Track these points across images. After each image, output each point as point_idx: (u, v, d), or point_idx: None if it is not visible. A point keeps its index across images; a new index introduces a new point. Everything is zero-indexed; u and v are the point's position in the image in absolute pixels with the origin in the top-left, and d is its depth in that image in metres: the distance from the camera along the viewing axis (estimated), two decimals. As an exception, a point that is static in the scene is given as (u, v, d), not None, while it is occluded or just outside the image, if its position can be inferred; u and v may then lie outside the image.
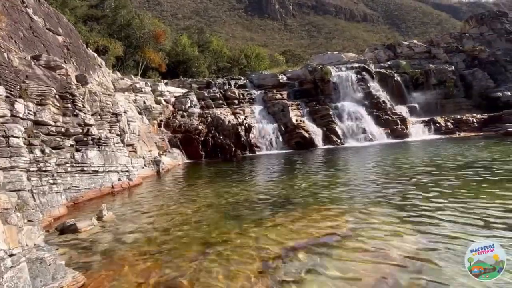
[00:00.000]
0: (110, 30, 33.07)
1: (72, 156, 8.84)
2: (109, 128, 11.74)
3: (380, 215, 6.05)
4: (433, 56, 31.59)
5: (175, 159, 17.35)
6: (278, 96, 25.43)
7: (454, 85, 28.11)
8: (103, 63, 19.57)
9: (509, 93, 25.66)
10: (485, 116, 24.08)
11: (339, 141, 22.09)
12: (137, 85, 21.22)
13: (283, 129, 22.39)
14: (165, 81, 27.50)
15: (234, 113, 23.26)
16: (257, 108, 24.70)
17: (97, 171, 9.58)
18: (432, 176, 9.14)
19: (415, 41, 35.26)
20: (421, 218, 5.68)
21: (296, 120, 22.78)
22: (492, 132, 21.38)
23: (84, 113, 9.94)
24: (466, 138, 20.34)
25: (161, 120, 20.73)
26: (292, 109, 23.69)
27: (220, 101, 24.78)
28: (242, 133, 20.96)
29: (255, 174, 13.07)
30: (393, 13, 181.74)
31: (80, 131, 9.48)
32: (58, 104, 9.09)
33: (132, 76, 24.48)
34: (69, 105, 9.47)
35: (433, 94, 27.56)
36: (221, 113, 22.56)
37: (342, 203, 7.06)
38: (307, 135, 21.79)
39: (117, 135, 12.05)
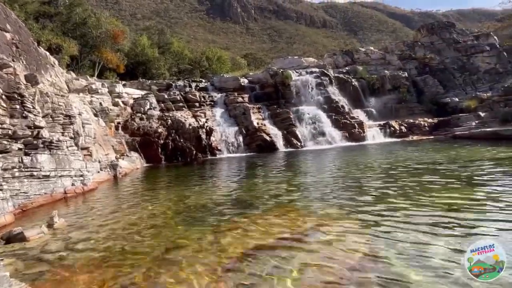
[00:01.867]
0: (64, 28, 31.59)
1: (20, 160, 8.32)
2: (62, 131, 11.21)
3: (338, 216, 6.20)
4: (388, 62, 33.01)
5: (133, 163, 16.86)
6: (240, 99, 25.48)
7: (407, 90, 29.55)
8: (56, 62, 18.68)
9: (456, 99, 27.34)
10: (435, 120, 25.44)
11: (299, 144, 22.47)
12: (93, 86, 20.44)
13: (245, 132, 22.42)
14: (123, 82, 26.68)
15: (195, 116, 23.02)
16: (219, 111, 24.59)
17: (48, 176, 9.10)
18: (387, 178, 9.51)
19: (372, 48, 36.73)
20: (375, 218, 5.88)
21: (258, 123, 22.91)
22: (441, 136, 22.60)
23: (34, 115, 9.44)
24: (419, 141, 21.35)
25: (118, 123, 20.06)
26: (253, 112, 23.81)
27: (181, 104, 24.42)
28: (203, 136, 20.77)
29: (215, 177, 12.98)
30: (351, 21, 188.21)
31: (30, 133, 8.97)
32: (4, 105, 8.56)
33: (88, 77, 23.55)
34: (17, 106, 8.94)
35: (388, 99, 28.78)
36: (181, 116, 22.24)
37: (301, 206, 7.16)
38: (268, 138, 21.96)
39: (71, 138, 11.52)
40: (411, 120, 25.62)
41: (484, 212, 5.77)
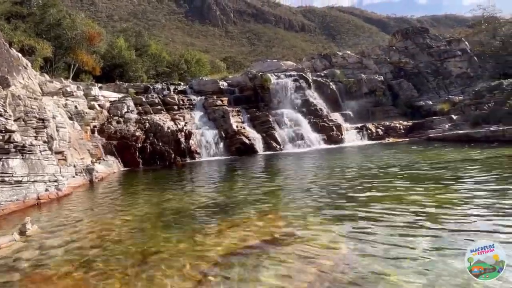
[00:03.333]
0: (38, 29, 30.68)
1: (-10, 165, 8.06)
2: (35, 135, 10.89)
3: (315, 219, 6.27)
4: (364, 66, 33.63)
5: (110, 167, 16.52)
6: (219, 102, 25.36)
7: (383, 94, 30.21)
8: (29, 64, 18.16)
9: (430, 102, 28.13)
10: (410, 123, 26.01)
11: (278, 147, 22.57)
12: (68, 89, 19.96)
13: (224, 135, 22.34)
14: (100, 85, 26.16)
15: (173, 119, 22.78)
16: (198, 114, 24.42)
17: (20, 182, 8.80)
18: (365, 179, 9.69)
19: (349, 52, 37.33)
20: (352, 218, 5.99)
21: (237, 127, 22.87)
22: (416, 138, 23.18)
23: (6, 118, 9.14)
24: (395, 143, 21.84)
25: (94, 126, 19.62)
26: (232, 116, 23.76)
27: (159, 107, 24.11)
28: (182, 139, 20.57)
29: (194, 181, 12.89)
30: (329, 25, 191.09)
31: (1, 138, 8.68)
32: (-27, 109, 8.27)
33: (63, 79, 23.00)
34: (-13, 110, 8.66)
35: (364, 102, 29.31)
36: (160, 119, 21.97)
37: (280, 209, 7.21)
38: (247, 141, 21.96)
39: (44, 142, 11.20)
40: (387, 123, 26.14)
41: (459, 209, 5.97)
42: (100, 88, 24.76)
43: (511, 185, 7.40)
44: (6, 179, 8.33)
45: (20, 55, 17.15)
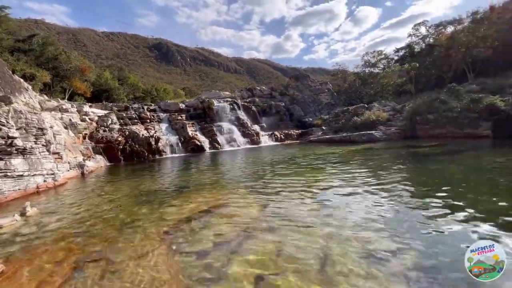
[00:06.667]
0: (38, 61, 26.22)
1: (-6, 164, 6.74)
2: (34, 140, 9.33)
3: (244, 192, 6.36)
4: (273, 96, 34.69)
5: (97, 163, 14.85)
6: (179, 117, 24.30)
7: (284, 114, 31.47)
8: (30, 87, 15.45)
9: (311, 119, 29.89)
10: (300, 131, 27.26)
11: (220, 147, 22.34)
12: (64, 106, 17.44)
13: (183, 139, 21.46)
14: (90, 104, 23.34)
15: (146, 129, 21.24)
16: (164, 125, 23.08)
17: (22, 175, 7.51)
18: (272, 165, 10.07)
19: (264, 87, 38.23)
20: (266, 191, 6.19)
21: (192, 134, 22.13)
22: (303, 140, 24.53)
23: (8, 128, 7.73)
24: (291, 144, 22.98)
25: (85, 134, 17.45)
26: (189, 126, 22.93)
27: (136, 120, 22.28)
28: (153, 142, 19.28)
29: (161, 171, 12.17)
30: (252, 70, 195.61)
31: (4, 143, 7.32)
32: (-22, 120, 6.85)
33: (59, 99, 20.07)
34: (-9, 121, 7.24)
35: (273, 118, 30.25)
36: (136, 128, 20.32)
37: (223, 186, 7.18)
38: (199, 143, 21.37)
39: (43, 145, 9.67)
40: (286, 131, 27.23)
41: (330, 184, 6.51)
42: (90, 106, 22.09)
43: (351, 165, 8.29)
44: (9, 174, 7.08)
45: (21, 79, 14.54)
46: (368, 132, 18.38)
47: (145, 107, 25.57)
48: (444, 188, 5.14)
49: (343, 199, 4.99)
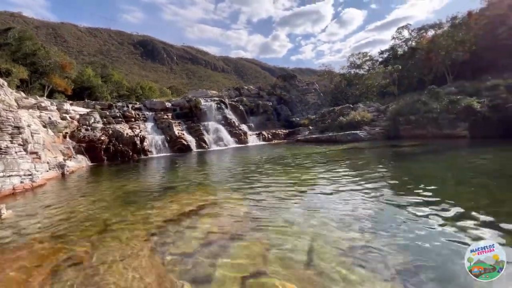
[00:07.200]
0: (14, 56, 24.92)
1: (-35, 164, 6.33)
2: (10, 139, 8.84)
3: (231, 192, 6.31)
4: (261, 96, 34.67)
5: (79, 163, 14.30)
6: (165, 116, 23.83)
7: (272, 113, 31.56)
8: (5, 83, 14.62)
9: (298, 119, 30.17)
10: (287, 131, 27.40)
11: (207, 146, 22.09)
12: (42, 104, 16.70)
13: (169, 139, 21.04)
14: (71, 102, 22.43)
15: (131, 128, 20.67)
16: (150, 124, 22.51)
17: (-5, 176, 7.11)
18: (259, 164, 10.06)
19: (252, 87, 38.15)
20: (252, 191, 6.17)
21: (178, 133, 21.75)
22: (290, 140, 24.74)
23: (-20, 126, 7.28)
24: (278, 144, 23.09)
25: (66, 133, 16.74)
26: (175, 126, 22.51)
27: (120, 119, 21.63)
28: (138, 142, 18.79)
29: (146, 171, 11.89)
30: (239, 69, 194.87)
31: (-25, 142, 6.89)
32: None
33: (37, 97, 19.15)
34: (-38, 119, 6.78)
35: (261, 118, 30.25)
36: (120, 127, 19.74)
37: (209, 186, 7.09)
38: (185, 143, 21.03)
39: (20, 145, 9.18)
40: (274, 131, 27.29)
41: (316, 182, 6.58)
42: (71, 104, 21.23)
43: (337, 164, 8.43)
44: (-19, 175, 6.65)
45: (-4, 76, 13.78)
46: (353, 132, 18.78)
47: (130, 105, 24.89)
48: (425, 186, 5.33)
49: (329, 197, 5.07)
